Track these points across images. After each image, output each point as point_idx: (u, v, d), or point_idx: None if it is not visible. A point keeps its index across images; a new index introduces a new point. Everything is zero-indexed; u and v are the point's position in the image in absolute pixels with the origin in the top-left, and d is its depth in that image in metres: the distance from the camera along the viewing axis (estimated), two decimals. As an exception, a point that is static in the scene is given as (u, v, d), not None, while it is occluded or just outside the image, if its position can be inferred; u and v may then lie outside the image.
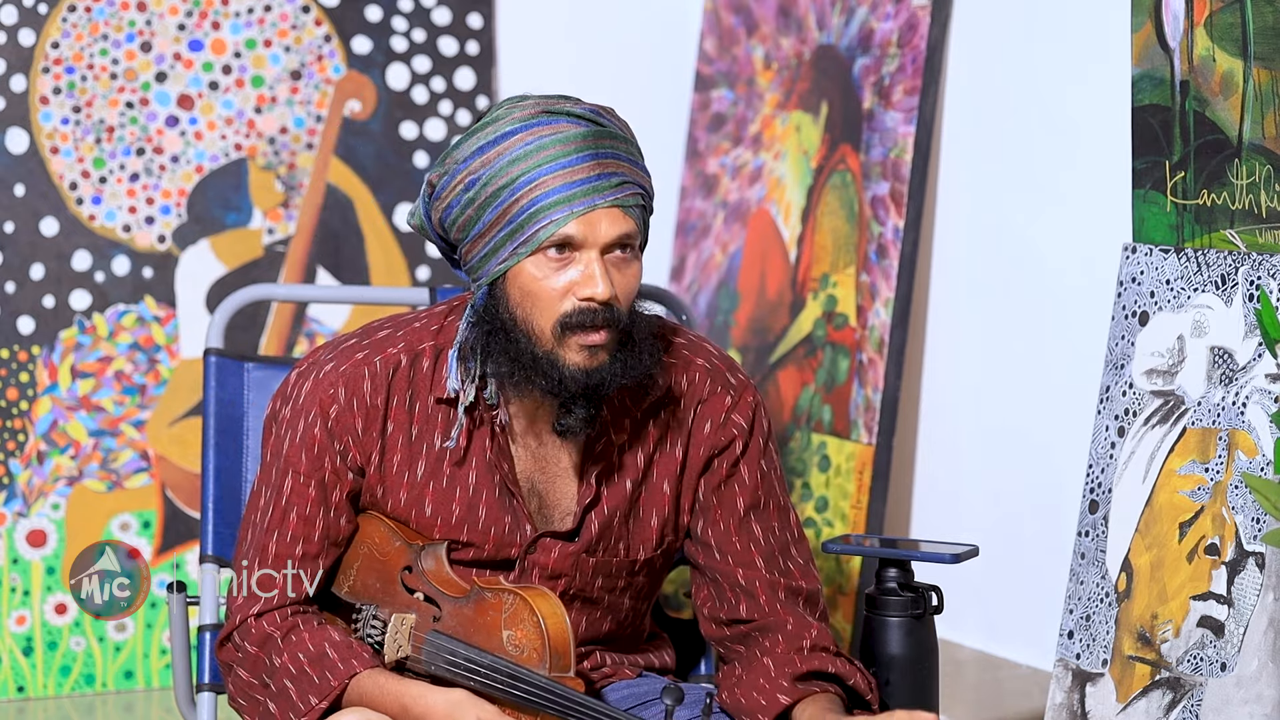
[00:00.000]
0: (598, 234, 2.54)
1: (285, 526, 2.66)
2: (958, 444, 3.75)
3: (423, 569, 2.64)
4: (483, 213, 2.57)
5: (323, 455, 2.66)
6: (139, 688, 4.07)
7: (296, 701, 2.59)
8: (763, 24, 4.10)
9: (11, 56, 4.00)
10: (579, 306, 2.54)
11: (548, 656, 2.54)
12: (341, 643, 2.62)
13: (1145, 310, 3.06)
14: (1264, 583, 2.84)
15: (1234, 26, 2.94)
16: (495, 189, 2.55)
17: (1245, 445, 2.88)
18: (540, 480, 2.69)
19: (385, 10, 4.19)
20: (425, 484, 2.67)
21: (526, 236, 2.54)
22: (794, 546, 2.76)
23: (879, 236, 3.72)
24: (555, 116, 2.57)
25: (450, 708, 2.54)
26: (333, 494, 2.66)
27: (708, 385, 2.73)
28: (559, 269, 2.55)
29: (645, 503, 2.71)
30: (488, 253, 2.58)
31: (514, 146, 2.55)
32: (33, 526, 4.00)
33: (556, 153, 2.54)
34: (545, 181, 2.53)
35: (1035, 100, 3.57)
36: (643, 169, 2.61)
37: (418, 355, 2.67)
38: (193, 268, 4.10)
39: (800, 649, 2.70)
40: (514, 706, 2.54)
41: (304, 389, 2.67)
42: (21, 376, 4.00)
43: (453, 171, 2.59)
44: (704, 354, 2.75)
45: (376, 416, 2.65)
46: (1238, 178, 2.95)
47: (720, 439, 2.72)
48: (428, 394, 2.67)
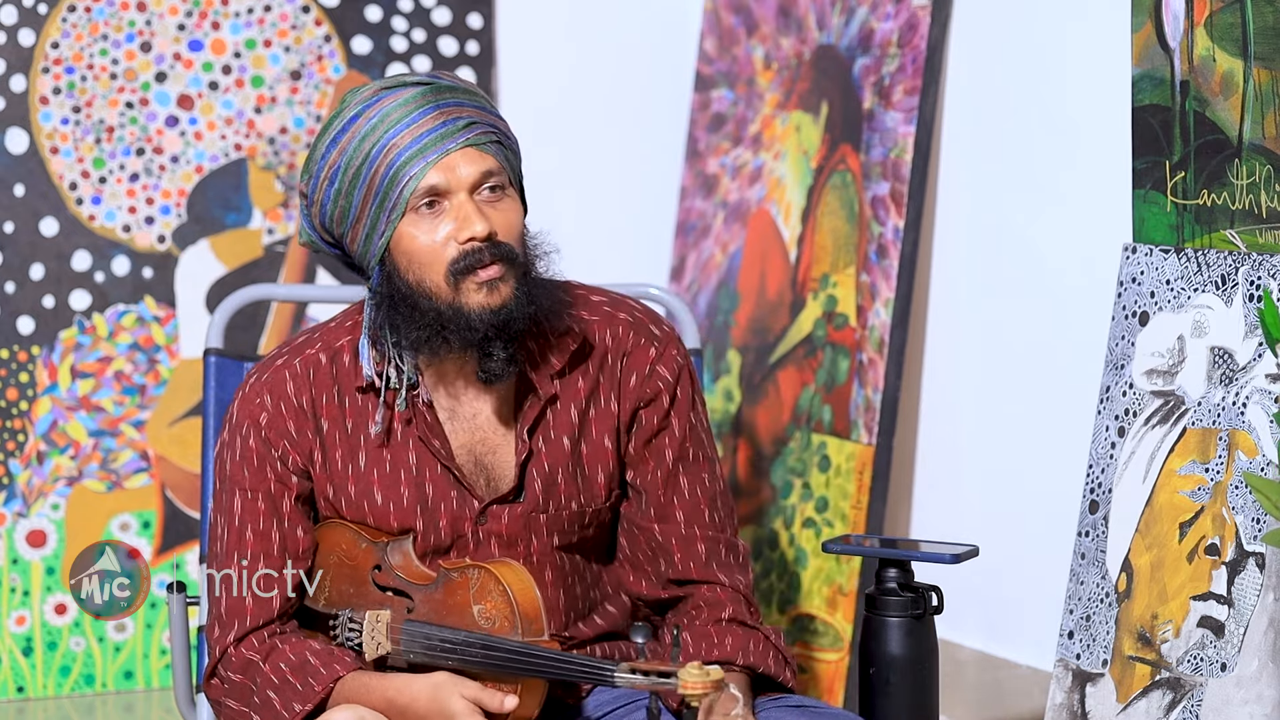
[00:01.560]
0: (459, 176, 2.58)
1: (243, 546, 2.68)
2: (958, 444, 3.75)
3: (391, 564, 2.67)
4: (351, 197, 2.60)
5: (263, 465, 2.68)
6: (139, 688, 4.07)
7: (280, 710, 2.60)
8: (763, 24, 4.10)
9: (11, 56, 4.00)
10: (463, 249, 2.57)
11: (518, 623, 2.57)
12: (322, 650, 2.64)
13: (1145, 310, 3.06)
14: (1264, 583, 2.84)
15: (1234, 26, 2.94)
16: (355, 169, 2.59)
17: (1245, 445, 2.88)
18: (482, 452, 2.70)
19: (385, 10, 4.19)
20: (370, 473, 2.69)
21: (394, 200, 2.58)
22: (719, 499, 2.77)
23: (879, 236, 3.72)
24: (393, 88, 2.61)
25: (434, 690, 2.56)
26: (282, 504, 2.68)
27: (631, 337, 2.74)
28: (434, 222, 2.58)
29: (589, 458, 2.73)
30: (368, 232, 2.61)
31: (361, 125, 2.59)
32: (32, 527, 4.00)
33: (399, 115, 2.58)
34: (395, 143, 2.57)
35: (1035, 100, 3.57)
36: (492, 112, 2.64)
37: (336, 351, 2.70)
38: (193, 268, 4.10)
39: (719, 620, 2.72)
40: (494, 676, 2.57)
41: (235, 409, 2.71)
42: (21, 376, 4.00)
43: (316, 173, 2.63)
44: (626, 309, 2.76)
45: (307, 415, 2.68)
46: (1238, 178, 2.95)
47: (646, 391, 2.74)
48: (352, 388, 2.69)
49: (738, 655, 2.69)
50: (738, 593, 2.75)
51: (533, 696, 2.58)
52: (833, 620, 3.71)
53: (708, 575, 2.74)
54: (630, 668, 2.45)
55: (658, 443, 2.74)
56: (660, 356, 2.74)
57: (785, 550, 3.83)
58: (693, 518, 2.74)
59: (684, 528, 2.74)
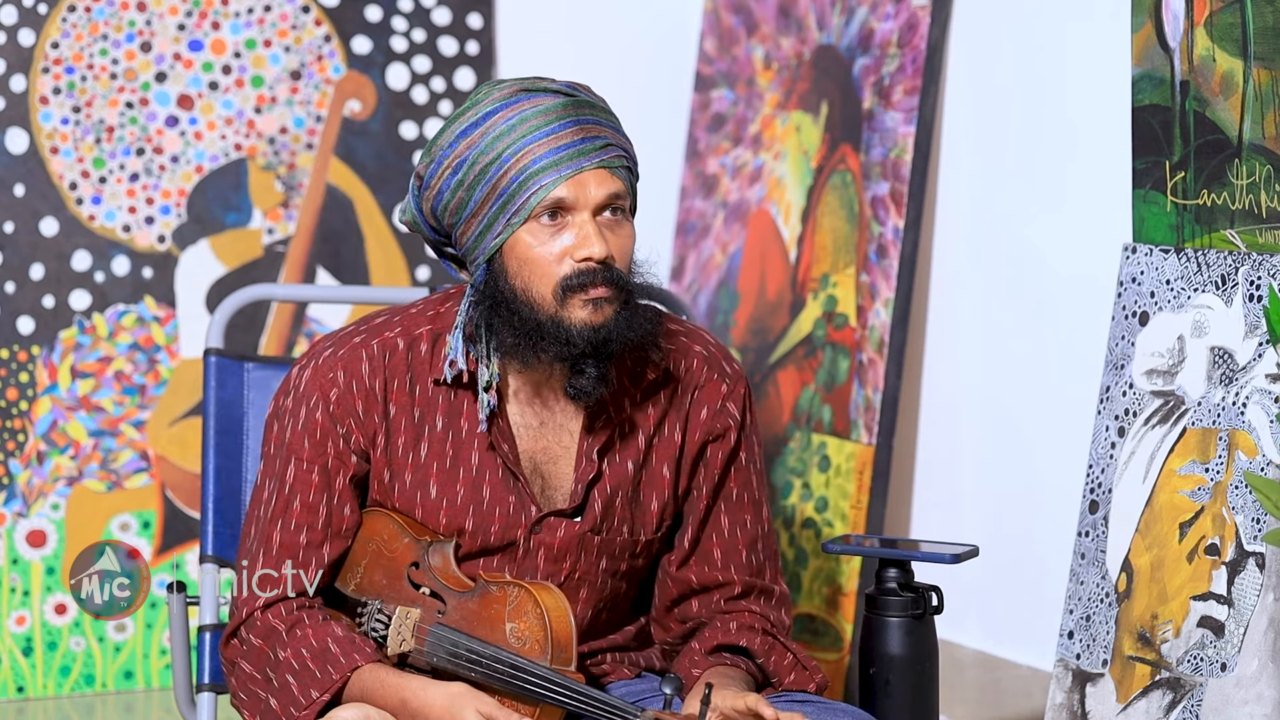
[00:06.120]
0: (587, 195, 2.59)
1: (289, 515, 2.67)
2: (958, 444, 3.75)
3: (430, 565, 2.66)
4: (473, 192, 2.60)
5: (325, 439, 2.68)
6: (139, 688, 4.07)
7: (298, 696, 2.60)
8: (763, 24, 4.10)
9: (11, 56, 3.99)
10: (577, 268, 2.59)
11: (549, 648, 2.55)
12: (344, 638, 2.63)
13: (1145, 310, 3.06)
14: (1264, 583, 2.84)
15: (1234, 26, 2.94)
16: (483, 166, 2.59)
17: (1245, 445, 2.88)
18: (543, 460, 2.70)
19: (385, 10, 4.19)
20: (429, 465, 2.69)
21: (518, 206, 2.58)
22: (761, 542, 2.79)
23: (879, 236, 3.72)
24: (533, 93, 2.62)
25: (449, 700, 2.55)
26: (336, 480, 2.68)
27: (704, 372, 2.76)
28: (553, 234, 2.59)
29: (646, 485, 2.74)
30: (482, 229, 2.61)
31: (497, 124, 2.59)
32: (33, 527, 4.00)
33: (539, 123, 2.59)
34: (531, 150, 2.58)
35: (1035, 100, 3.57)
36: (624, 135, 2.66)
37: (414, 339, 2.70)
38: (193, 268, 4.10)
39: (728, 629, 2.73)
40: (514, 697, 2.55)
41: (305, 378, 2.70)
42: (21, 376, 4.00)
43: (439, 159, 2.63)
44: (700, 341, 2.78)
45: (377, 398, 2.68)
46: (1238, 178, 2.95)
47: (716, 426, 2.76)
48: (426, 378, 2.69)
49: (740, 639, 2.70)
50: (768, 621, 2.76)
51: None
52: (833, 620, 3.71)
53: (737, 608, 2.76)
54: (654, 716, 2.44)
55: (713, 477, 2.76)
56: (731, 393, 2.77)
57: (785, 550, 3.84)
58: (729, 557, 2.76)
59: (720, 566, 2.76)
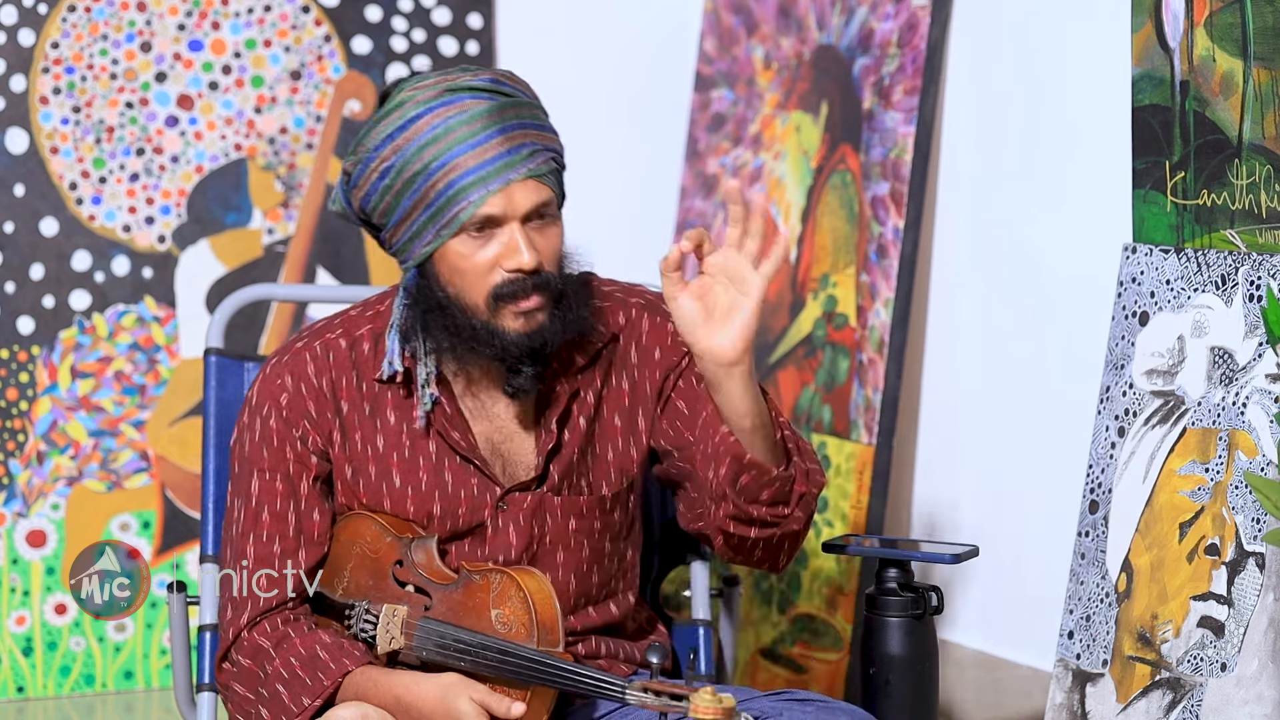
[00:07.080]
0: (516, 207, 2.60)
1: (259, 528, 2.69)
2: (958, 444, 3.75)
3: (413, 561, 2.68)
4: (400, 199, 2.62)
5: (283, 445, 2.70)
6: (139, 688, 4.07)
7: (289, 704, 2.61)
8: (763, 24, 4.10)
9: (11, 56, 3.99)
10: (507, 278, 2.61)
11: (535, 631, 2.58)
12: (333, 644, 2.64)
13: (1145, 310, 3.06)
14: (1264, 583, 2.84)
15: (1234, 26, 2.94)
16: (410, 175, 2.60)
17: (1245, 445, 2.88)
18: (500, 440, 2.73)
19: (385, 10, 4.19)
20: (389, 456, 2.71)
21: (447, 219, 2.60)
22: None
23: (879, 236, 3.72)
24: (458, 94, 2.62)
25: (442, 691, 2.57)
26: (300, 484, 2.70)
27: (645, 317, 2.79)
28: (483, 244, 2.61)
29: (600, 438, 2.76)
30: (411, 236, 2.64)
31: (423, 130, 2.60)
32: (32, 527, 4.00)
33: (465, 133, 2.59)
34: (458, 164, 2.59)
35: (1035, 100, 3.57)
36: (549, 130, 2.66)
37: (356, 340, 2.73)
38: (193, 268, 4.10)
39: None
40: (505, 682, 2.57)
41: (255, 391, 2.74)
42: (21, 376, 4.00)
43: (365, 160, 2.64)
44: (638, 294, 2.82)
45: (327, 397, 2.71)
46: (1238, 178, 2.95)
47: (672, 359, 2.78)
48: (371, 375, 2.72)
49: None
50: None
51: (541, 705, 2.58)
52: (833, 620, 3.71)
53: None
54: (643, 686, 2.45)
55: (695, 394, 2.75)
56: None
57: (785, 550, 3.84)
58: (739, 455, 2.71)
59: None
